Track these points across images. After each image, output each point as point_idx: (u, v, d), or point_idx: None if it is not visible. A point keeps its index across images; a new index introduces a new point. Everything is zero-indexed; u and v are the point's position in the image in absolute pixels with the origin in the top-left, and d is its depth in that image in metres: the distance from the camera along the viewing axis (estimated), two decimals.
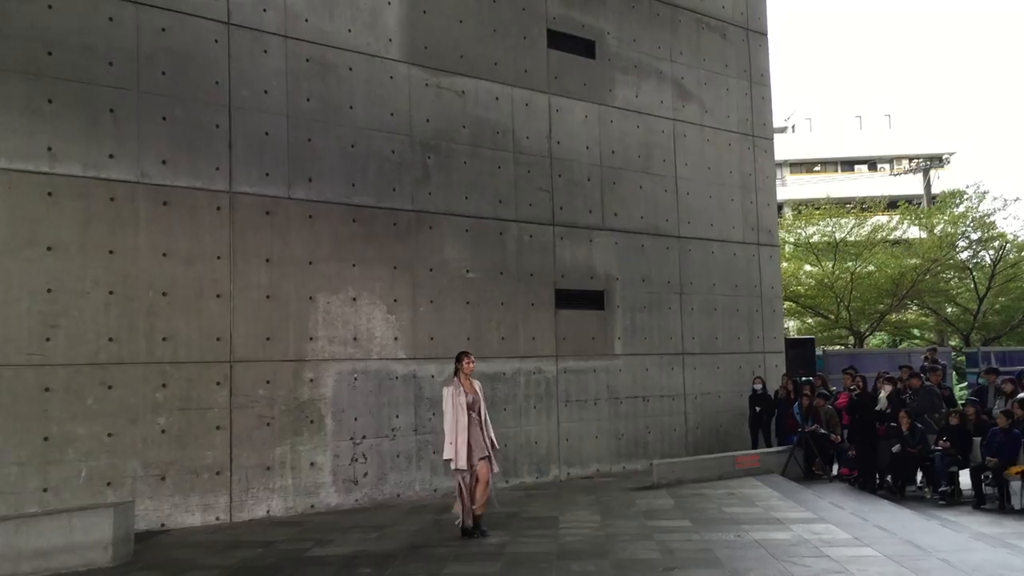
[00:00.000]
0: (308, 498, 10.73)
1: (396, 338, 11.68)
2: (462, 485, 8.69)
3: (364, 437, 11.26)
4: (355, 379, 11.27)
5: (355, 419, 11.21)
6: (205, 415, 10.06)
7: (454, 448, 8.57)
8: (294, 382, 10.75)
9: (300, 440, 10.72)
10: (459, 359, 8.98)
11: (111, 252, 9.63)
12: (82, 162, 9.53)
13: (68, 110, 9.49)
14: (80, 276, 9.42)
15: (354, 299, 11.36)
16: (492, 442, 8.89)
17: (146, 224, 9.87)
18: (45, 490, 9.01)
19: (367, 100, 11.74)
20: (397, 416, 11.59)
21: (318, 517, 10.43)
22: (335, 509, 10.86)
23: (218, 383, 10.19)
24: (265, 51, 10.92)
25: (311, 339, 10.95)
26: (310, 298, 10.99)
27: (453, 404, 8.69)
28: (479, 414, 8.84)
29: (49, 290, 9.23)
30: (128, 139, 9.83)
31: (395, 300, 11.72)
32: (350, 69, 11.60)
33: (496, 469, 8.96)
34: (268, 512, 10.40)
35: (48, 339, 9.18)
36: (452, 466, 8.64)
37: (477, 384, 9.02)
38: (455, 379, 8.89)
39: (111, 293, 9.58)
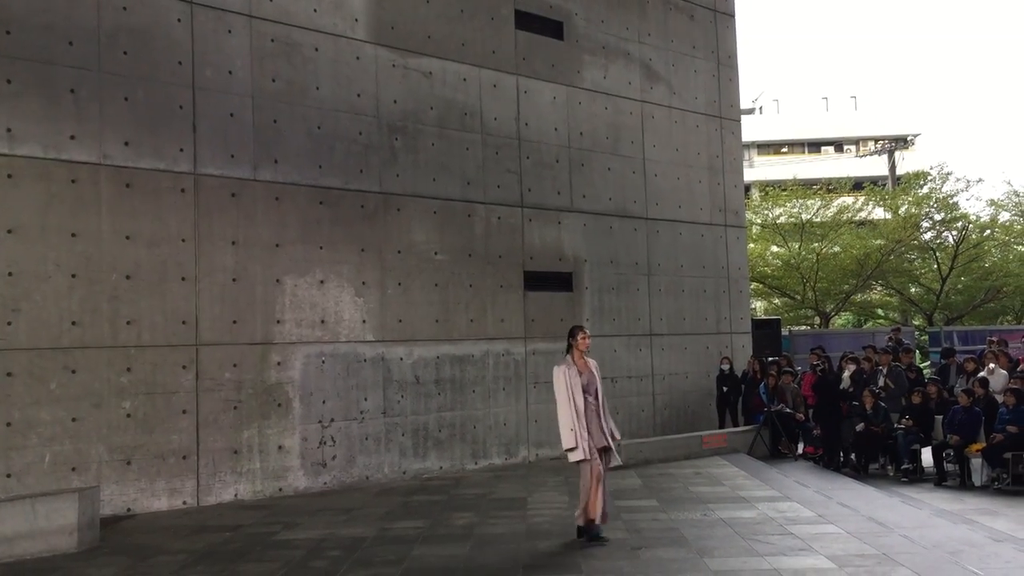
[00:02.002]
0: (276, 481, 10.69)
1: (364, 321, 11.64)
2: (590, 477, 7.47)
3: (332, 420, 11.24)
4: (323, 362, 11.23)
5: (323, 402, 11.17)
6: (171, 399, 9.98)
7: (575, 435, 7.43)
8: (261, 365, 10.69)
9: (268, 423, 10.67)
10: (572, 334, 7.75)
11: (73, 235, 9.49)
12: (42, 143, 9.37)
13: (28, 90, 9.31)
14: (42, 259, 9.28)
15: (322, 282, 11.29)
16: (612, 432, 7.69)
17: (109, 206, 9.73)
18: (8, 476, 8.90)
19: (333, 81, 11.63)
20: (366, 399, 11.56)
21: (286, 500, 10.40)
22: (303, 492, 10.83)
23: (184, 367, 10.11)
24: (229, 31, 10.77)
25: (278, 322, 10.89)
26: (277, 281, 10.92)
27: (567, 385, 7.54)
28: (596, 397, 7.68)
29: (10, 273, 9.08)
30: (90, 120, 9.68)
31: (363, 283, 11.67)
32: (316, 49, 11.49)
33: (617, 462, 7.91)
34: (236, 496, 10.35)
35: (9, 323, 9.05)
36: (572, 456, 7.52)
37: (593, 363, 7.82)
38: (567, 357, 7.72)
39: (74, 276, 9.46)
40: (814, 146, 55.20)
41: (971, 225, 29.41)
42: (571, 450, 7.47)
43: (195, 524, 9.05)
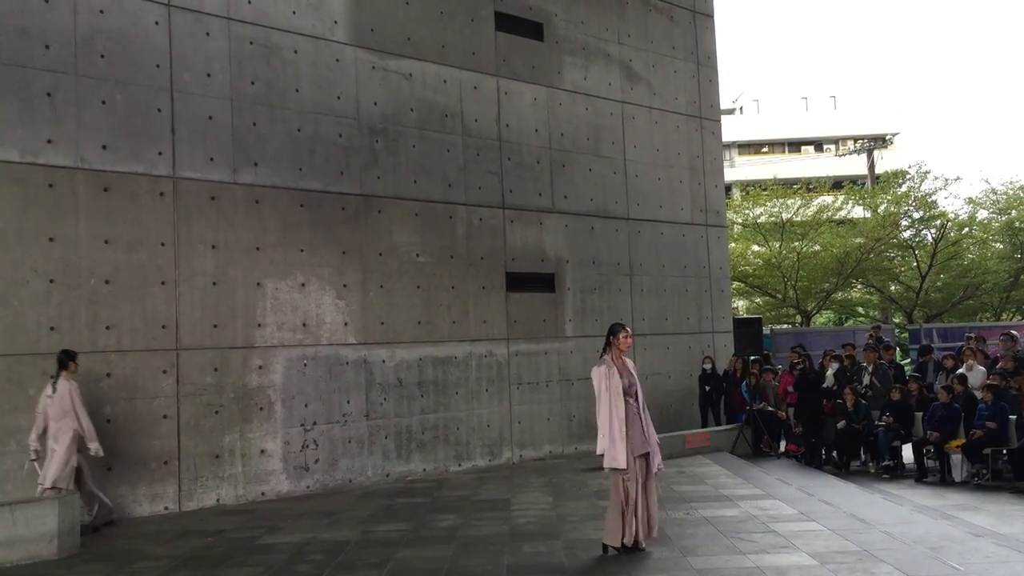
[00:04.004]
0: (259, 485, 10.64)
1: (346, 323, 11.61)
2: (622, 490, 7.02)
3: (315, 423, 11.20)
4: (305, 365, 11.19)
5: (305, 405, 11.13)
6: (152, 404, 9.91)
7: (608, 440, 6.98)
8: (243, 369, 10.64)
9: (249, 427, 10.62)
10: (613, 332, 7.30)
11: (51, 239, 9.41)
12: (19, 147, 9.29)
13: (3, 94, 9.23)
14: (19, 264, 9.20)
15: (303, 284, 11.25)
16: (654, 437, 7.22)
17: (87, 210, 9.66)
18: None
19: (313, 83, 11.59)
20: (348, 401, 11.53)
21: (269, 504, 10.35)
22: (286, 496, 10.79)
23: (164, 371, 10.04)
24: (207, 33, 10.72)
25: (259, 325, 10.84)
26: (258, 284, 10.87)
27: (606, 387, 7.13)
28: (637, 400, 7.23)
29: None
30: (66, 124, 9.60)
31: (344, 285, 11.63)
32: (295, 52, 11.45)
33: (659, 469, 7.27)
34: (218, 500, 10.29)
35: None
36: (607, 464, 7.03)
37: (631, 364, 7.42)
38: (606, 357, 7.31)
39: (52, 281, 9.38)
40: (794, 146, 55.52)
41: (950, 223, 29.62)
42: (603, 457, 7.04)
43: (177, 529, 9.00)
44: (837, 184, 36.31)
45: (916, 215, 30.22)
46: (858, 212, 32.27)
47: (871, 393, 12.97)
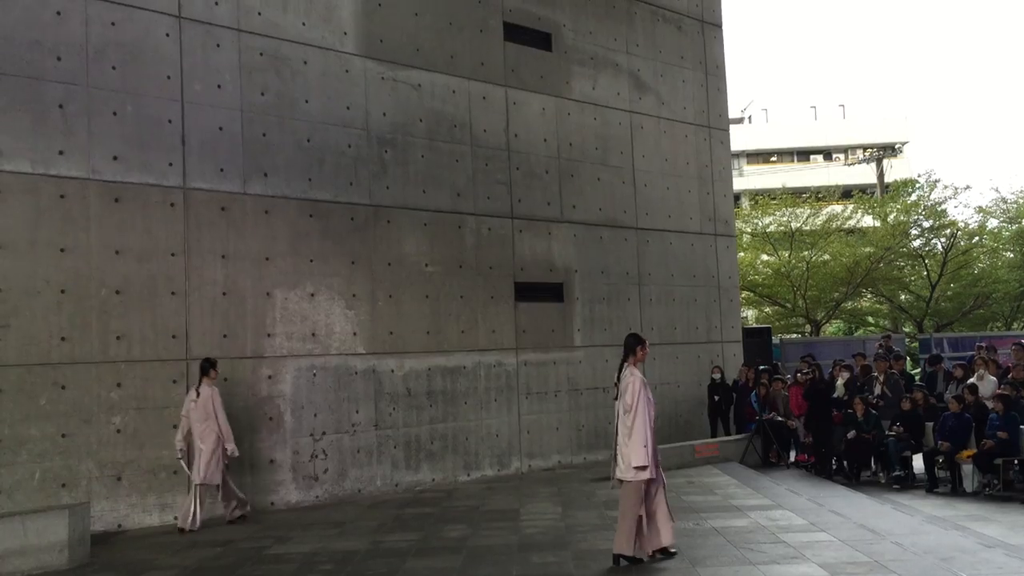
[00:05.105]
0: (267, 495, 10.65)
1: (355, 333, 11.63)
2: (640, 501, 7.10)
3: (324, 433, 11.21)
4: (314, 375, 11.21)
5: (314, 415, 11.15)
6: (162, 414, 9.94)
7: (648, 451, 7.02)
8: (252, 379, 10.66)
9: (259, 437, 10.64)
10: (641, 344, 7.43)
11: (62, 250, 9.47)
12: (30, 159, 9.35)
13: (15, 106, 9.30)
14: (31, 275, 9.25)
15: (312, 294, 11.28)
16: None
17: (98, 221, 9.71)
18: None
19: (322, 94, 11.65)
20: (357, 411, 11.54)
21: (278, 514, 10.36)
22: (295, 506, 10.80)
23: (174, 381, 10.08)
24: (218, 45, 10.78)
25: (269, 335, 10.87)
26: (267, 294, 10.90)
27: (644, 397, 7.17)
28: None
29: None
30: (78, 135, 9.67)
31: (354, 295, 11.66)
32: (305, 63, 11.50)
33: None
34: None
35: None
36: (642, 475, 7.05)
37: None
38: (635, 368, 7.39)
39: (63, 292, 9.43)
40: (803, 155, 55.45)
41: (959, 232, 29.55)
42: (642, 468, 6.99)
43: (186, 539, 9.01)
44: (846, 193, 36.26)
45: (926, 224, 30.12)
46: (867, 221, 32.21)
47: (882, 403, 12.91)
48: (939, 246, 29.86)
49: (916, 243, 30.25)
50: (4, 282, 9.09)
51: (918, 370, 23.48)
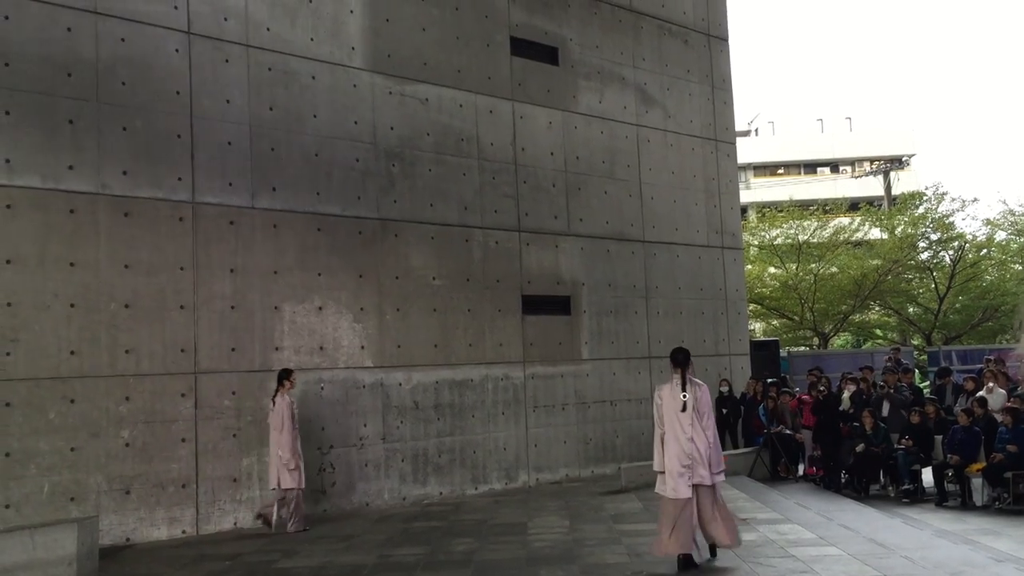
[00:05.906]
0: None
1: (363, 347, 11.65)
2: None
3: (331, 447, 11.22)
4: (322, 388, 11.22)
5: (322, 429, 11.16)
6: (170, 427, 9.96)
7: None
8: (260, 392, 10.67)
9: (267, 451, 10.62)
10: (689, 360, 8.28)
11: (72, 264, 9.52)
12: (41, 174, 9.41)
13: (26, 121, 9.37)
14: (40, 289, 9.30)
15: (320, 308, 11.31)
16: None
17: (107, 236, 9.76)
18: (7, 506, 8.87)
19: (330, 108, 11.71)
20: (365, 425, 11.55)
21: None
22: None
23: (183, 395, 10.10)
24: (226, 60, 10.85)
25: (277, 349, 10.89)
26: (275, 308, 10.93)
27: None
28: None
29: (9, 304, 9.10)
30: (88, 150, 9.73)
31: (361, 309, 11.68)
32: (313, 78, 11.57)
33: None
34: (235, 524, 10.32)
35: (8, 353, 9.05)
36: (721, 477, 7.84)
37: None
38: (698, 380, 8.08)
39: (72, 306, 9.47)
40: (810, 167, 55.42)
41: (967, 244, 29.48)
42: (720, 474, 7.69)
43: (194, 553, 9.01)
44: (853, 206, 36.22)
45: (933, 237, 30.06)
46: (875, 234, 32.17)
47: (890, 416, 12.86)
48: (947, 258, 29.79)
49: (924, 255, 30.19)
50: (14, 296, 9.14)
51: (927, 383, 23.42)
